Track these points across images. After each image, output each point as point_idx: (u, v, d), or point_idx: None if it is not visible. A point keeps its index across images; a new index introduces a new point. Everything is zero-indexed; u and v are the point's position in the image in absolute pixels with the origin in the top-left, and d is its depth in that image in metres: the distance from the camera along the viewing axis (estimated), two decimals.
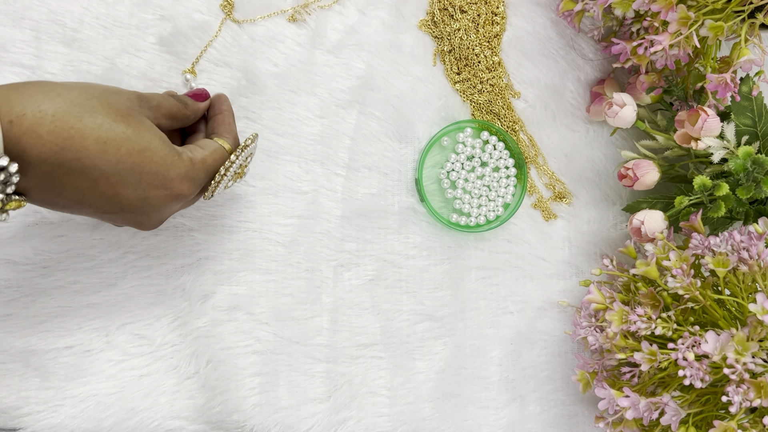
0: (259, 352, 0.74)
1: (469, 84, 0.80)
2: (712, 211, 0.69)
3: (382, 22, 0.78)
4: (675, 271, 0.64)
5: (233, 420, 0.73)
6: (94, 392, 0.71)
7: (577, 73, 0.82)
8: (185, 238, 0.74)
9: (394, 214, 0.78)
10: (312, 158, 0.76)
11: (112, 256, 0.72)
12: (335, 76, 0.77)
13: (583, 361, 0.73)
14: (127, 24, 0.73)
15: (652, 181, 0.73)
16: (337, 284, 0.76)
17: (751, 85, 0.72)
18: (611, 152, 0.83)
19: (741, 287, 0.65)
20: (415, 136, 0.79)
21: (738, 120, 0.72)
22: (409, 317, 0.78)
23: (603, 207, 0.83)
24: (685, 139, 0.72)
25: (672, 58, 0.69)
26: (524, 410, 0.80)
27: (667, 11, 0.65)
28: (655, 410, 0.63)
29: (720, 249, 0.65)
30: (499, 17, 0.80)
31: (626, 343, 0.66)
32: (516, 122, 0.81)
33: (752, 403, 0.59)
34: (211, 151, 0.62)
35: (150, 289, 0.73)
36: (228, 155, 0.64)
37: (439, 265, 0.79)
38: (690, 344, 0.62)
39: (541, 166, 0.82)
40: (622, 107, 0.73)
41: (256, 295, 0.75)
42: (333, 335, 0.76)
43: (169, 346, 0.73)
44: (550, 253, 0.81)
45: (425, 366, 0.78)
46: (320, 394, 0.75)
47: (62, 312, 0.71)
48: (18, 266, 0.70)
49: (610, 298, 0.70)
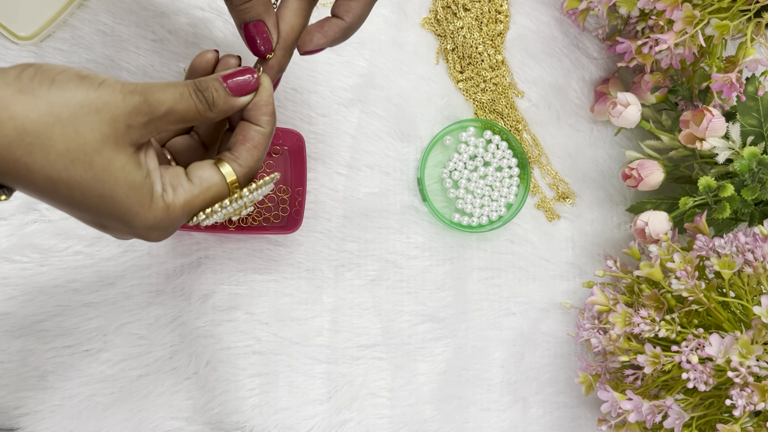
0: (259, 352, 0.74)
1: (472, 83, 0.80)
2: (717, 213, 0.69)
3: (384, 20, 0.78)
4: (679, 273, 0.65)
5: (232, 421, 0.73)
6: (92, 392, 0.71)
7: (582, 72, 0.82)
8: (185, 236, 0.73)
9: (396, 214, 0.78)
10: (313, 157, 0.76)
11: (111, 254, 0.72)
12: (337, 74, 0.77)
13: (586, 363, 0.73)
14: (127, 21, 0.73)
15: (657, 181, 0.73)
16: (338, 284, 0.76)
17: (756, 84, 0.72)
18: (615, 152, 0.82)
19: (745, 289, 0.65)
20: (417, 135, 0.78)
21: (743, 120, 0.72)
22: (411, 318, 0.78)
23: (607, 207, 0.82)
24: (690, 140, 0.71)
25: (677, 57, 0.69)
26: (526, 412, 0.80)
27: (672, 10, 0.65)
28: (659, 413, 0.63)
29: (725, 251, 0.65)
30: (503, 15, 0.80)
31: (629, 345, 0.66)
32: (519, 121, 0.80)
33: (756, 407, 0.59)
34: (202, 189, 0.49)
35: (149, 288, 0.73)
36: (228, 193, 0.51)
37: (441, 266, 0.79)
38: (694, 347, 0.62)
39: (545, 165, 0.81)
40: (626, 107, 0.73)
41: (256, 295, 0.74)
42: (334, 336, 0.76)
43: (168, 346, 0.73)
44: (553, 254, 0.81)
45: (427, 367, 0.78)
46: (320, 395, 0.75)
47: (61, 311, 0.71)
48: (16, 264, 0.70)
49: (613, 300, 0.70)
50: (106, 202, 0.46)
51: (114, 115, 0.45)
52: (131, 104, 0.45)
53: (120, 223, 0.47)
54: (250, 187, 0.51)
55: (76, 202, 0.45)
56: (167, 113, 0.47)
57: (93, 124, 0.44)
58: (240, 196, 0.50)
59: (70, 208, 0.46)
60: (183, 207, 0.49)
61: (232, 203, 0.50)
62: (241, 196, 0.50)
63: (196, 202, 0.49)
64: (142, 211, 0.47)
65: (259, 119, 0.52)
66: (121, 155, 0.45)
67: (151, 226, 0.48)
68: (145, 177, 0.47)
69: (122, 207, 0.46)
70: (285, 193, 0.75)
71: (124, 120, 0.45)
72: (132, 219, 0.47)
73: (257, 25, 0.52)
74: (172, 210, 0.48)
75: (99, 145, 0.44)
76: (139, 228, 0.47)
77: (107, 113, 0.45)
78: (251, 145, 0.51)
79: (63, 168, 0.44)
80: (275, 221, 0.74)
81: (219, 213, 0.50)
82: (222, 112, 0.50)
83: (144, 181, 0.47)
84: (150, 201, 0.47)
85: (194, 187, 0.49)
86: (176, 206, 0.48)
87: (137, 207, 0.47)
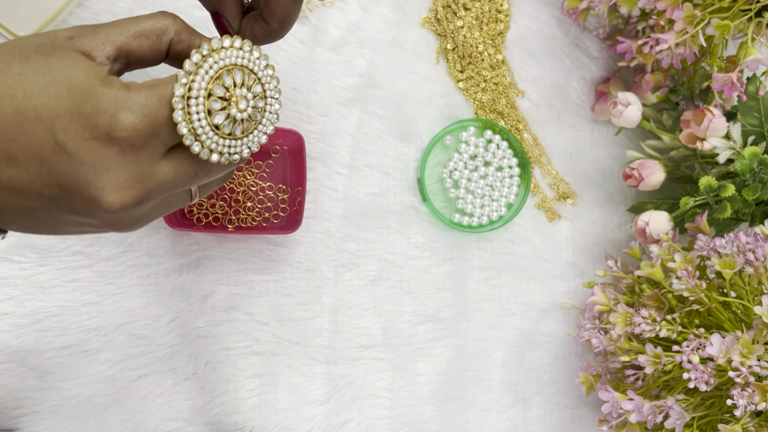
0: (258, 353, 0.74)
1: (473, 82, 0.80)
2: (718, 213, 0.69)
3: (384, 20, 0.78)
4: (680, 273, 0.65)
5: (232, 421, 0.73)
6: (91, 393, 0.71)
7: (582, 72, 0.82)
8: (184, 236, 0.73)
9: (396, 214, 0.78)
10: (313, 156, 0.76)
11: (110, 254, 0.72)
12: (337, 74, 0.77)
13: (586, 364, 0.73)
14: None
15: (658, 181, 0.73)
16: (338, 284, 0.76)
17: (757, 84, 0.72)
18: (616, 152, 0.82)
19: (746, 289, 0.65)
20: (417, 135, 0.78)
21: (744, 120, 0.72)
22: (411, 318, 0.77)
23: (607, 207, 0.82)
24: (691, 139, 0.71)
25: (678, 56, 0.69)
26: (527, 413, 0.79)
27: (673, 9, 0.65)
28: (659, 413, 0.63)
29: (726, 250, 0.65)
30: (503, 15, 0.80)
31: (630, 345, 0.66)
32: (520, 121, 0.80)
33: (757, 407, 0.59)
34: (168, 78, 0.41)
35: (148, 288, 0.73)
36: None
37: (441, 266, 0.78)
38: (695, 347, 0.62)
39: (545, 165, 0.81)
40: (627, 106, 0.73)
41: (256, 295, 0.74)
42: (333, 336, 0.76)
43: (167, 347, 0.73)
44: (554, 254, 0.81)
45: (427, 368, 0.78)
46: (320, 395, 0.75)
47: (59, 311, 0.71)
48: (15, 264, 0.70)
49: (614, 300, 0.70)
50: (50, 92, 0.38)
51: (53, 33, 0.41)
52: (73, 26, 0.41)
53: (76, 122, 0.38)
54: (211, 43, 0.43)
55: (23, 113, 0.38)
56: (117, 24, 0.42)
57: (29, 40, 0.40)
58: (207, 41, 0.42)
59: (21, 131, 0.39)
60: (149, 87, 0.40)
61: (200, 65, 0.41)
62: (209, 41, 0.42)
63: (160, 83, 0.41)
64: (92, 89, 0.39)
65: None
66: (62, 52, 0.40)
67: (111, 104, 0.39)
68: (92, 67, 0.40)
69: (68, 93, 0.39)
70: (285, 193, 0.74)
71: (64, 35, 0.41)
72: (83, 102, 0.38)
73: (214, 15, 0.51)
74: (134, 88, 0.40)
75: (36, 48, 0.40)
76: (97, 112, 0.38)
77: (46, 34, 0.41)
78: None
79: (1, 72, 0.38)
80: (275, 221, 0.74)
81: (195, 84, 0.41)
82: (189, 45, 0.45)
83: (90, 67, 0.40)
84: (102, 81, 0.39)
85: (151, 80, 0.41)
86: (138, 85, 0.40)
87: (85, 86, 0.39)
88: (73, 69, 0.39)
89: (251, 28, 0.49)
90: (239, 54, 0.43)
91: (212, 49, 0.42)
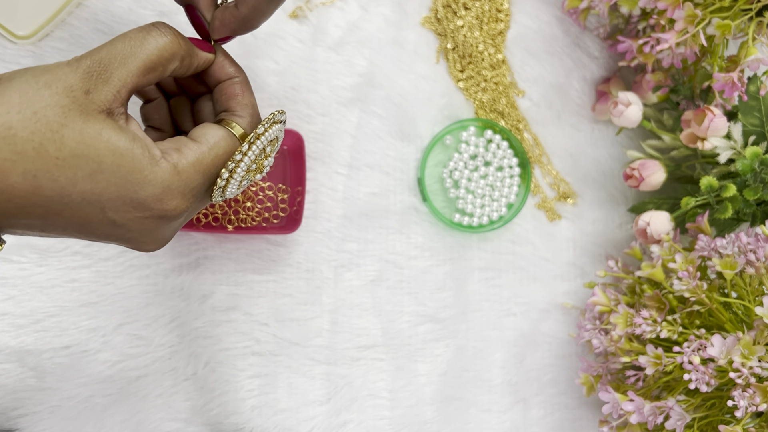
0: (258, 353, 0.74)
1: (473, 82, 0.79)
2: (719, 213, 0.69)
3: (384, 19, 0.78)
4: (681, 274, 0.65)
5: (231, 422, 0.73)
6: (91, 393, 0.71)
7: (583, 72, 0.82)
8: (183, 236, 0.73)
9: (396, 214, 0.78)
10: (313, 156, 0.76)
11: (109, 254, 0.72)
12: (337, 74, 0.77)
13: (587, 364, 0.73)
14: (125, 20, 0.73)
15: (658, 181, 0.73)
16: (338, 285, 0.76)
17: (758, 84, 0.72)
18: (617, 152, 0.82)
19: (747, 290, 0.65)
20: (417, 135, 0.78)
21: (745, 120, 0.72)
22: (411, 319, 0.77)
23: (608, 207, 0.82)
24: (692, 139, 0.71)
25: (678, 56, 0.69)
26: (527, 414, 0.79)
27: (673, 9, 0.65)
28: (660, 414, 0.63)
29: (727, 251, 0.65)
30: (504, 14, 0.80)
31: (631, 346, 0.66)
32: (520, 121, 0.80)
33: (758, 408, 0.59)
34: (210, 146, 0.46)
35: (148, 288, 0.73)
36: (239, 145, 0.48)
37: (441, 266, 0.78)
38: (696, 348, 0.62)
39: (546, 165, 0.81)
40: (627, 106, 0.73)
41: (255, 295, 0.74)
42: (333, 336, 0.76)
43: (166, 347, 0.73)
44: (555, 255, 0.81)
45: (427, 368, 0.78)
46: (320, 396, 0.75)
47: (58, 311, 0.71)
48: (14, 264, 0.70)
49: (615, 301, 0.70)
50: (98, 179, 0.41)
51: (67, 84, 0.41)
52: (81, 69, 0.42)
53: (128, 205, 0.43)
54: (257, 130, 0.48)
55: (68, 194, 0.41)
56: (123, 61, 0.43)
57: (47, 100, 0.41)
58: (257, 135, 0.47)
59: (67, 207, 0.42)
60: (194, 165, 0.45)
61: (251, 147, 0.47)
62: (258, 135, 0.47)
63: (207, 160, 0.46)
64: (143, 178, 0.43)
65: (228, 72, 0.50)
66: (92, 123, 0.42)
67: (163, 192, 0.43)
68: (132, 141, 0.43)
69: (119, 180, 0.42)
70: (284, 193, 0.74)
71: (79, 86, 0.42)
72: (137, 190, 0.42)
73: (188, 8, 0.51)
74: (182, 170, 0.44)
75: (63, 119, 0.41)
76: (150, 199, 0.43)
77: (59, 85, 0.41)
78: (239, 95, 0.50)
79: (36, 155, 0.40)
80: (274, 221, 0.74)
81: (242, 164, 0.47)
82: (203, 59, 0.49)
83: (131, 144, 0.43)
84: (150, 164, 0.43)
85: (201, 145, 0.46)
86: (185, 165, 0.45)
87: (136, 174, 0.42)
88: (113, 150, 0.42)
89: (221, 15, 0.50)
90: (279, 128, 0.49)
91: (264, 129, 0.48)
